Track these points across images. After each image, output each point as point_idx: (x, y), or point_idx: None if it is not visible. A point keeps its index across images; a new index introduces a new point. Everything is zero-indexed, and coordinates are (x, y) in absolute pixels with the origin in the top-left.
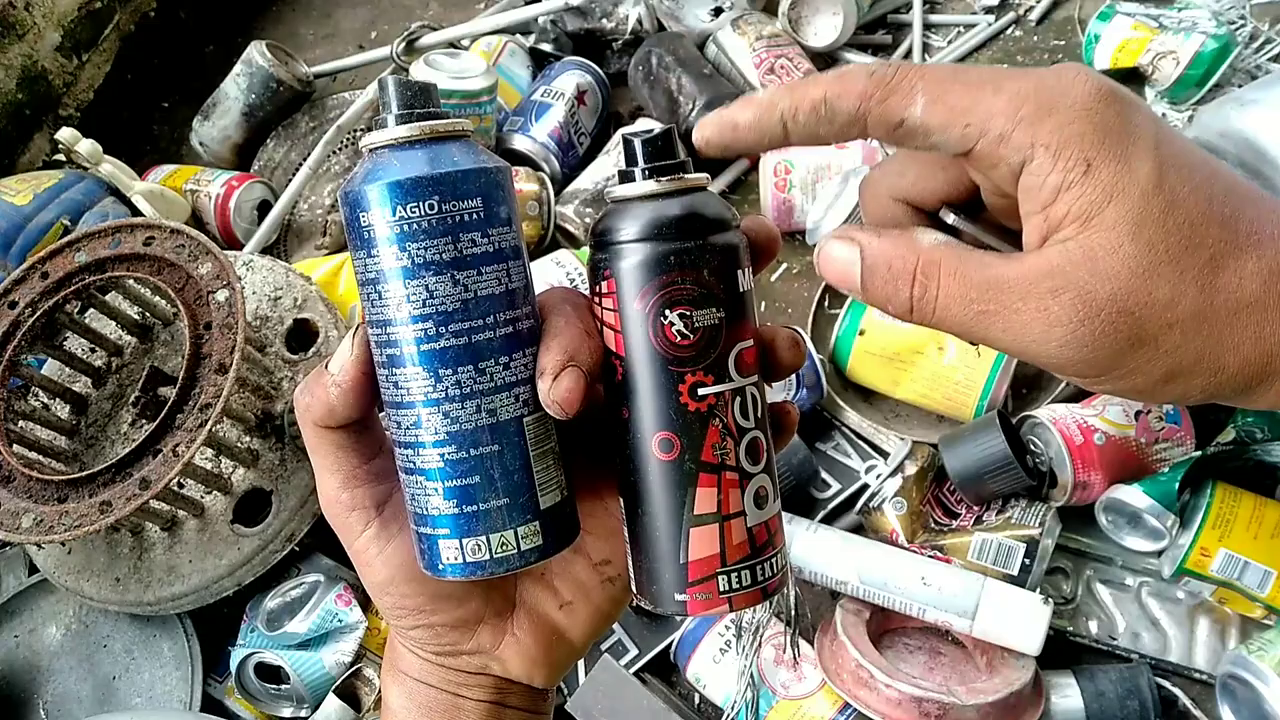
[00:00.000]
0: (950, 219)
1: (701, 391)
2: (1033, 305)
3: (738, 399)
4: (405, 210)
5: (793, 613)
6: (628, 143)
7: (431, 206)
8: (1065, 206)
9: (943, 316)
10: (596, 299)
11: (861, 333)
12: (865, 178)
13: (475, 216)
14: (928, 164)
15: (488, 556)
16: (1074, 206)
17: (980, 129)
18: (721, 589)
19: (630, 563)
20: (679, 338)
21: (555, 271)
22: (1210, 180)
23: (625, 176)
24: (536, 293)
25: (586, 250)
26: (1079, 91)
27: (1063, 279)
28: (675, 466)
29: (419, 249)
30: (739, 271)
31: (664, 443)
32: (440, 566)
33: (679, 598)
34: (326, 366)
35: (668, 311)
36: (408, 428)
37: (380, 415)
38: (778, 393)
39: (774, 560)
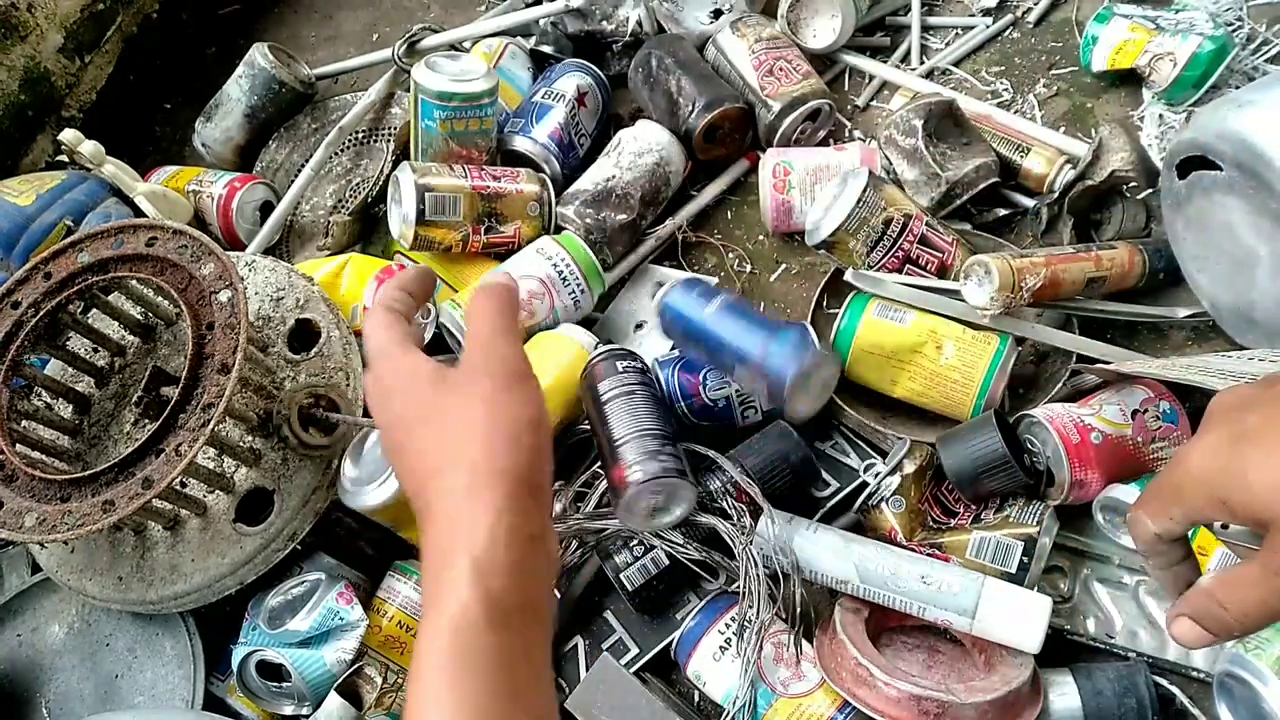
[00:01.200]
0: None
1: None
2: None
3: None
4: None
5: (796, 612)
6: None
7: None
8: None
9: (1252, 616)
10: None
11: (860, 331)
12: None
13: None
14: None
15: None
16: None
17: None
18: None
19: None
20: None
21: (541, 264)
22: None
23: None
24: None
25: (570, 236)
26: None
27: None
28: None
29: None
30: None
31: None
32: None
33: None
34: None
35: None
36: None
37: None
38: None
39: None
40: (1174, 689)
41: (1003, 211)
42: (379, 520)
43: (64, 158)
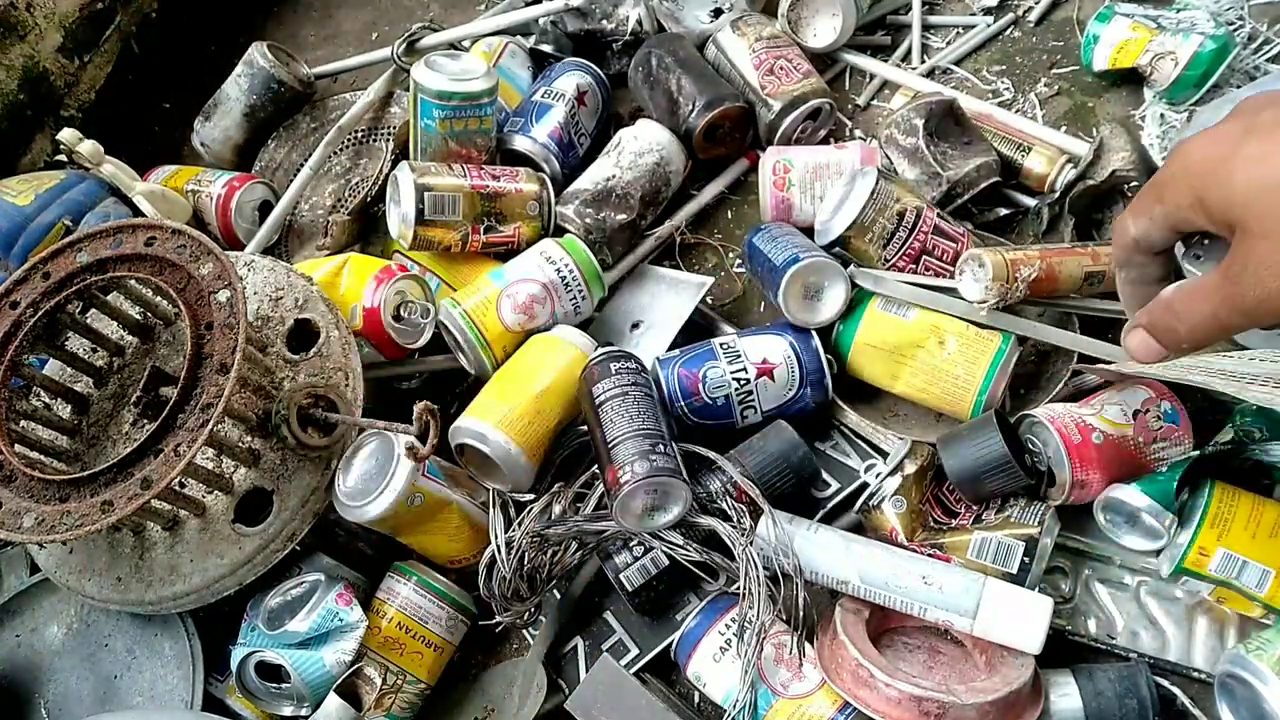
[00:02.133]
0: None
1: None
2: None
3: None
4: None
5: (799, 614)
6: None
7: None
8: None
9: (1202, 329)
10: None
11: (863, 325)
12: (1120, 236)
13: None
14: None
15: None
16: None
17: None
18: None
19: None
20: None
21: (544, 267)
22: None
23: None
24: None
25: (573, 240)
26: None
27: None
28: None
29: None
30: None
31: None
32: None
33: None
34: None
35: None
36: None
37: None
38: (781, 390)
39: None
40: (1175, 689)
41: (1004, 211)
42: (379, 530)
43: (62, 157)
